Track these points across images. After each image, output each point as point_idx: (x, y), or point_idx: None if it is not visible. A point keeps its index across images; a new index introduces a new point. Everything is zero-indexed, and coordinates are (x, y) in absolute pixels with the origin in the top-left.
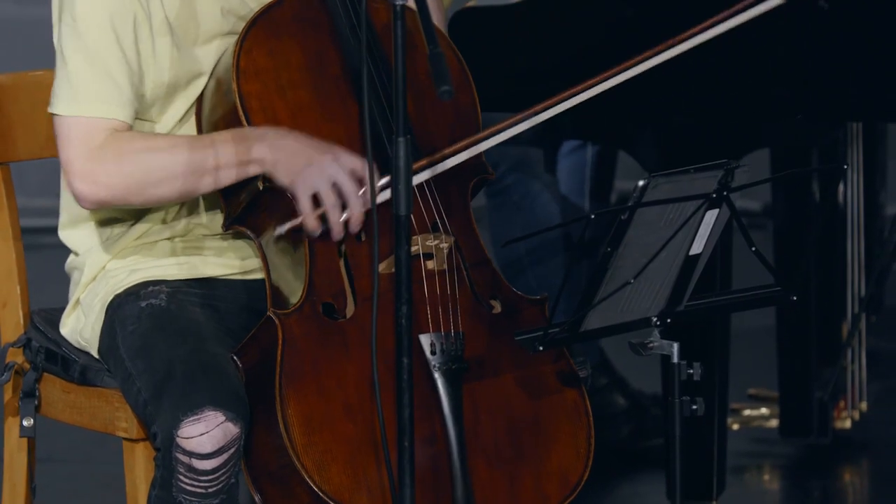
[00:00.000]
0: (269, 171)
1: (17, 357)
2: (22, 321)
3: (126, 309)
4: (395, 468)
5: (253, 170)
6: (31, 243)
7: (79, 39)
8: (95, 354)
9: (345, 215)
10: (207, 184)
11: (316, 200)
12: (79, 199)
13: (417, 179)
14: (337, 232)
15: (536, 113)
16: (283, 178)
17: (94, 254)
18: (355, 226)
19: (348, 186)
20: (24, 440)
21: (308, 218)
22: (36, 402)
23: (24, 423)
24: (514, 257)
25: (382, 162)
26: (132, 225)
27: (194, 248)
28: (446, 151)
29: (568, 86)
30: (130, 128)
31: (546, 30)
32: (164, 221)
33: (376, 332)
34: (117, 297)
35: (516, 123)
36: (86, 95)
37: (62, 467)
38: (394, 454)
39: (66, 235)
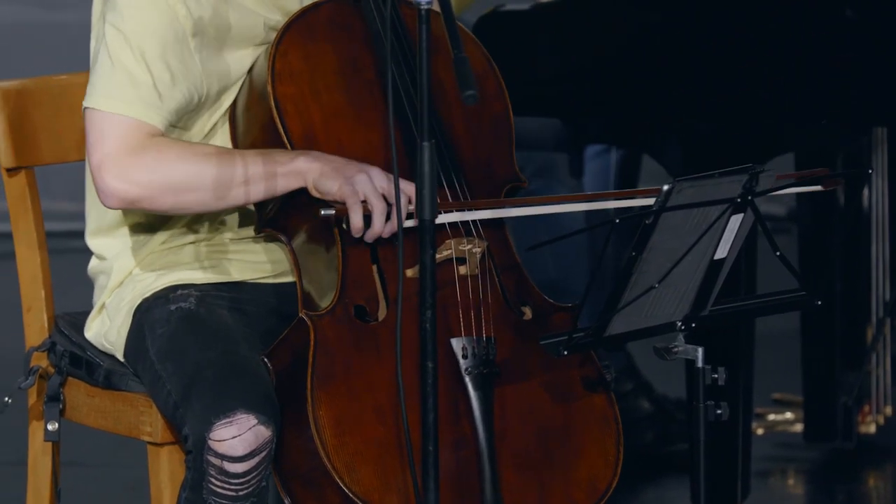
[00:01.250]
0: (314, 181)
1: (41, 361)
2: (46, 325)
3: (155, 312)
4: (420, 472)
5: (292, 182)
6: (56, 247)
7: (127, 44)
8: (121, 358)
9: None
10: (241, 195)
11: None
12: (105, 196)
13: (442, 219)
14: (374, 234)
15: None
16: (331, 185)
17: (121, 259)
18: (388, 233)
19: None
20: (49, 444)
21: (356, 215)
22: (60, 406)
23: (49, 427)
24: (539, 261)
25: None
26: (158, 230)
27: (220, 253)
28: (478, 202)
29: (594, 89)
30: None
31: (572, 33)
32: (189, 226)
33: (403, 337)
34: (145, 300)
35: (556, 203)
36: (129, 96)
37: (87, 471)
38: (419, 458)
39: (92, 242)
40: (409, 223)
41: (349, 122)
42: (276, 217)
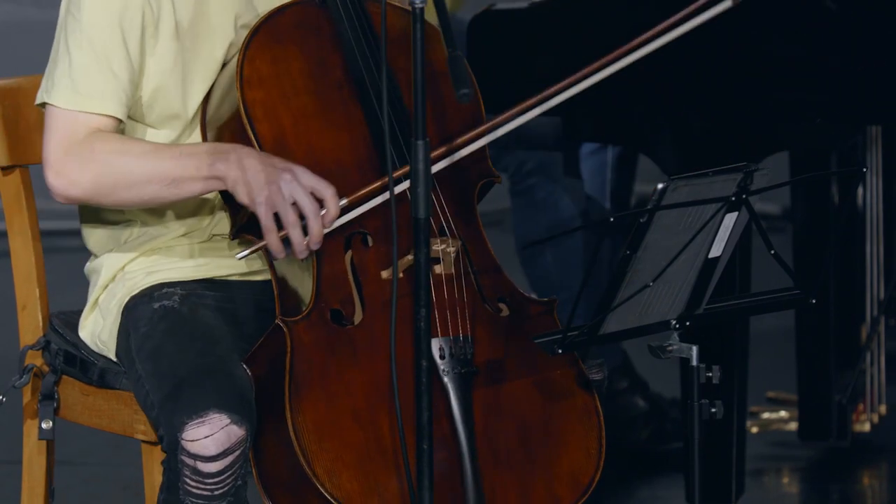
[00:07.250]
0: (231, 188)
1: (36, 359)
2: (41, 324)
3: (139, 311)
4: (413, 472)
5: (215, 185)
6: (50, 246)
7: (84, 34)
8: (113, 357)
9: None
10: (173, 193)
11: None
12: (51, 193)
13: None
14: (300, 251)
15: (546, 98)
16: (242, 197)
17: (113, 256)
18: (315, 244)
19: (307, 205)
20: (43, 443)
21: (271, 236)
22: (55, 405)
23: (43, 425)
24: (537, 258)
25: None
26: (151, 228)
27: (213, 251)
28: (462, 139)
29: (588, 87)
30: (120, 123)
31: (566, 31)
32: (183, 225)
33: (382, 339)
34: (132, 298)
35: (528, 109)
36: (86, 90)
37: (81, 470)
38: (400, 460)
39: (86, 235)
40: (339, 221)
41: (319, 123)
42: (249, 223)
